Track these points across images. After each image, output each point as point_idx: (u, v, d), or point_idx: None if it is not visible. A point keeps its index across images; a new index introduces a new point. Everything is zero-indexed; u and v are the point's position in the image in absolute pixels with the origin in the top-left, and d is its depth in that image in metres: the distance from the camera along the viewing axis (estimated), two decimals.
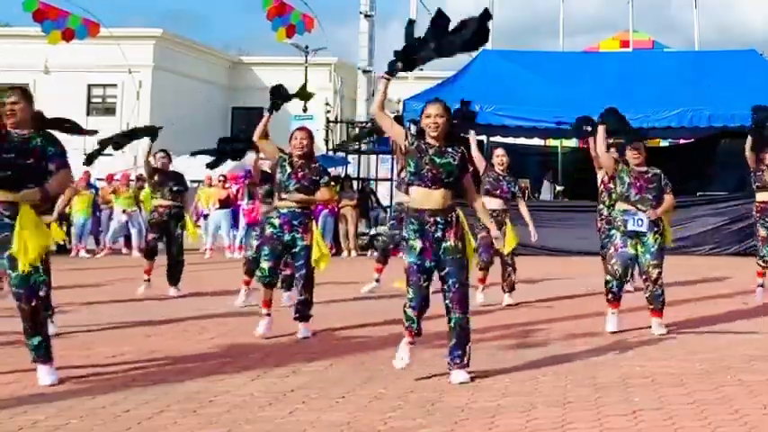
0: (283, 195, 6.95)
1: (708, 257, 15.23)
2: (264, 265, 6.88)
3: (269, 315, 6.94)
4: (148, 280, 9.85)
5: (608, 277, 7.28)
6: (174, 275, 9.88)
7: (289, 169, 6.95)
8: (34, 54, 34.79)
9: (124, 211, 17.24)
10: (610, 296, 7.25)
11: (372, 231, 18.30)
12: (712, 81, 17.17)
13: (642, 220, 7.08)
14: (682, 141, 21.51)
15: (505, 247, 8.99)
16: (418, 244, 5.24)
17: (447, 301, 5.29)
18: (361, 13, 21.74)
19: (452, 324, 5.29)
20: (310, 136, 7.12)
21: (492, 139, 19.75)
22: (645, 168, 7.28)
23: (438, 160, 5.26)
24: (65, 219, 17.14)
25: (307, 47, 32.89)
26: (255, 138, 7.34)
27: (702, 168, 18.30)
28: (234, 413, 4.53)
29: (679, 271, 12.29)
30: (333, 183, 17.91)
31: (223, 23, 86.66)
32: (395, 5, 74.90)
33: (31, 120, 5.30)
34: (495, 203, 9.04)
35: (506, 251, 9.02)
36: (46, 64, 36.47)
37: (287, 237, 6.87)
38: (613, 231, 7.35)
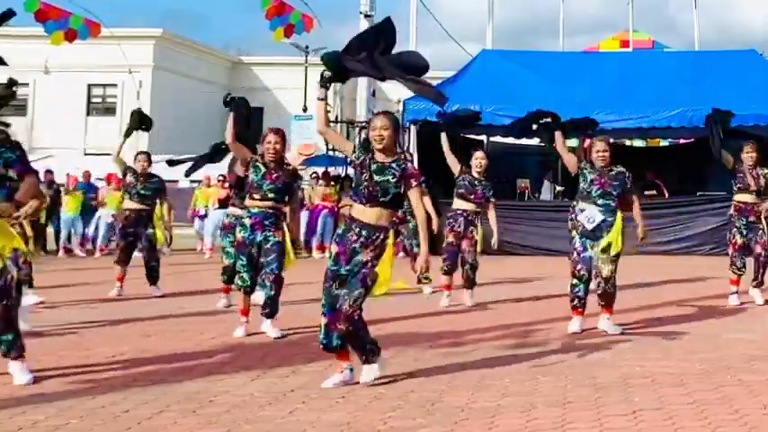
0: (255, 196, 6.93)
1: (708, 257, 15.23)
2: (245, 275, 6.92)
3: (247, 322, 7.01)
4: (121, 287, 9.81)
5: (574, 281, 7.17)
6: (151, 276, 9.87)
7: (262, 170, 6.92)
8: (34, 54, 34.81)
9: (114, 216, 17.18)
10: (576, 302, 7.16)
11: None
12: (712, 81, 17.17)
13: (594, 218, 7.03)
14: (682, 141, 21.51)
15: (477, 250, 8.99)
16: (335, 248, 5.17)
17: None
18: (361, 13, 21.70)
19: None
20: (283, 139, 7.07)
21: (492, 138, 19.78)
22: (610, 167, 7.18)
23: (376, 177, 5.12)
24: (54, 218, 17.08)
25: (307, 47, 32.92)
26: (229, 141, 7.25)
27: (702, 168, 18.30)
28: (234, 413, 4.53)
29: (679, 271, 12.31)
30: (332, 183, 18.02)
31: (223, 23, 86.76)
32: (395, 5, 74.52)
33: None
34: (466, 205, 8.99)
35: (478, 252, 9.01)
36: (46, 64, 36.51)
37: (259, 237, 6.88)
38: (573, 233, 7.22)
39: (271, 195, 6.91)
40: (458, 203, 9.04)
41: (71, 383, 5.18)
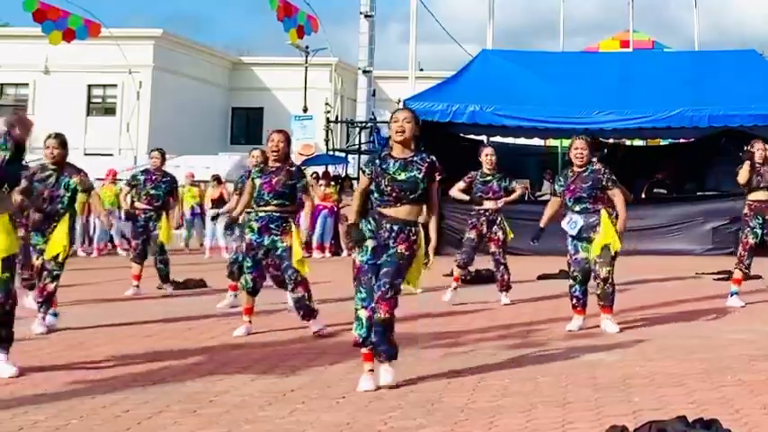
0: (260, 204, 6.93)
1: (708, 257, 15.22)
2: (248, 276, 6.91)
3: (250, 322, 7.02)
4: (137, 285, 9.86)
5: (570, 281, 7.26)
6: (161, 274, 9.90)
7: (260, 180, 6.94)
8: (34, 54, 34.79)
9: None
10: (574, 301, 7.23)
11: None
12: (712, 81, 17.17)
13: (575, 222, 7.03)
14: (682, 140, 21.53)
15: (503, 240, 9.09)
16: (371, 243, 5.16)
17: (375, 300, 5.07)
18: (361, 13, 21.72)
19: (374, 321, 5.05)
20: (287, 139, 7.14)
21: (492, 139, 19.77)
22: (584, 168, 7.14)
23: (399, 177, 5.12)
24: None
25: (307, 47, 32.88)
26: None
27: (702, 168, 18.31)
28: (234, 413, 4.53)
29: (679, 271, 12.31)
30: (332, 183, 18.02)
31: (223, 24, 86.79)
32: (395, 5, 74.94)
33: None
34: (487, 204, 9.10)
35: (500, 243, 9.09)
36: (46, 64, 36.48)
37: (266, 241, 6.87)
38: (568, 237, 7.22)
39: (274, 201, 6.91)
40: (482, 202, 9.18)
41: (71, 383, 5.17)
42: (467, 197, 9.25)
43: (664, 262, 13.92)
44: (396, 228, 5.12)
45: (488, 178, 9.15)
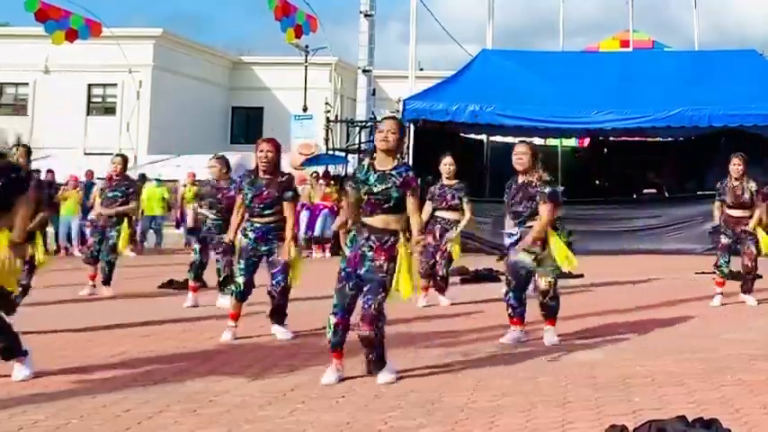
0: (253, 215, 6.83)
1: (707, 257, 15.20)
2: (239, 280, 6.80)
3: (235, 326, 6.84)
4: (94, 285, 9.83)
5: (504, 289, 6.91)
6: (103, 275, 9.80)
7: (250, 194, 6.81)
8: (34, 54, 34.78)
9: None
10: (509, 311, 6.75)
11: None
12: (712, 81, 17.18)
13: (512, 234, 6.69)
14: (681, 139, 21.53)
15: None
16: (347, 251, 5.27)
17: (359, 317, 5.20)
18: (361, 12, 21.71)
19: (360, 337, 5.21)
20: (276, 148, 6.90)
21: (492, 138, 19.79)
22: (528, 178, 6.65)
23: (376, 188, 5.23)
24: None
25: (307, 47, 32.90)
26: None
27: (702, 167, 18.30)
28: (234, 413, 4.53)
29: (679, 270, 12.31)
30: (332, 182, 18.03)
31: (223, 23, 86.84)
32: (395, 5, 74.81)
33: None
34: (442, 213, 8.99)
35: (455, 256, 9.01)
36: (46, 63, 36.47)
37: (263, 247, 6.84)
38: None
39: (267, 212, 6.85)
40: (437, 212, 9.03)
41: (71, 383, 5.17)
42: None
43: (663, 262, 13.92)
44: (373, 237, 5.23)
45: (445, 189, 9.03)
